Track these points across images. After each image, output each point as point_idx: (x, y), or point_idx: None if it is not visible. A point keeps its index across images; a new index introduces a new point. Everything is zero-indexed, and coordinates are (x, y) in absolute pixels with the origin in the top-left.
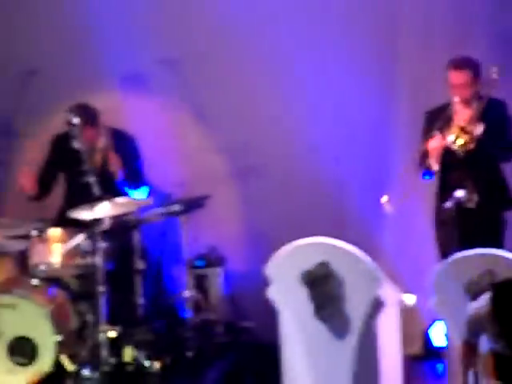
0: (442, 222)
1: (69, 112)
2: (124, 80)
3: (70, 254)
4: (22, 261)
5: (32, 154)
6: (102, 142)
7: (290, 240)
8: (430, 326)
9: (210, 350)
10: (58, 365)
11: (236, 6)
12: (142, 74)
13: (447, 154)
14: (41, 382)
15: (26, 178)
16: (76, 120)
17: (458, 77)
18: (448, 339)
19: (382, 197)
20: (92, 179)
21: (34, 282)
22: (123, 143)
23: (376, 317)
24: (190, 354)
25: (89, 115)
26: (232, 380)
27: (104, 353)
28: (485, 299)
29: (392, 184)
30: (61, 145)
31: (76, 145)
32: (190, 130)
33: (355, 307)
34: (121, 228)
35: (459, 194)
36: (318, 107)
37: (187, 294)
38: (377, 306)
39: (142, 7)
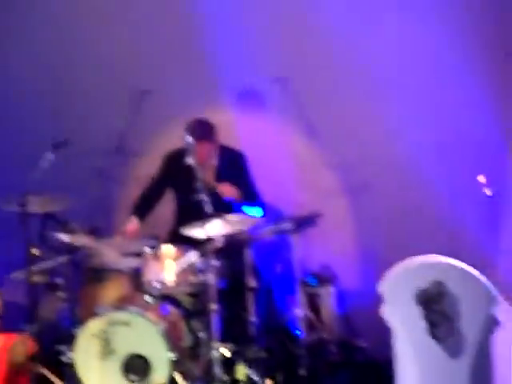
0: None
1: (185, 127)
2: (239, 98)
3: (183, 272)
4: (136, 278)
5: (145, 171)
6: (214, 158)
7: (402, 258)
8: None
9: (322, 368)
10: (171, 382)
11: (345, 25)
12: (257, 92)
13: None
14: None
15: (130, 231)
16: (191, 136)
17: None
18: None
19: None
20: (204, 197)
21: (148, 299)
22: (234, 161)
23: (491, 336)
24: (302, 372)
25: (205, 131)
26: None
27: (217, 370)
28: None
29: (507, 200)
30: (173, 161)
31: (189, 161)
32: (303, 147)
33: (470, 326)
34: (233, 246)
35: None
36: (433, 123)
37: (299, 312)
38: (492, 324)
39: (257, 25)
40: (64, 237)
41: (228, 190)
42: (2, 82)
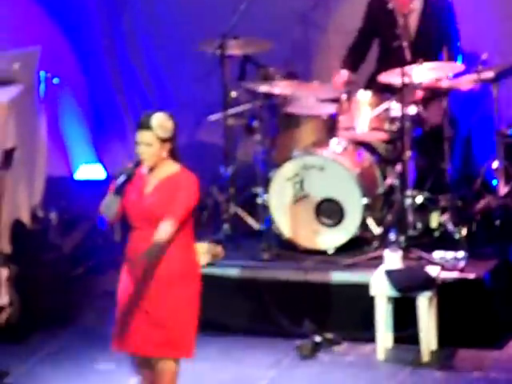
0: None
1: None
2: None
3: (379, 119)
4: (332, 124)
5: (346, 18)
6: (418, 3)
7: None
8: None
9: None
10: (364, 227)
11: None
12: None
13: None
14: (348, 244)
15: (339, 80)
16: None
17: None
18: None
19: None
20: (404, 43)
21: (342, 144)
22: (439, 8)
23: None
24: (497, 222)
25: None
26: None
27: (410, 217)
28: None
29: None
30: (376, 8)
31: (391, 6)
32: None
33: None
34: (431, 94)
35: None
36: None
37: (497, 163)
38: None
39: None
40: (262, 82)
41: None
42: None
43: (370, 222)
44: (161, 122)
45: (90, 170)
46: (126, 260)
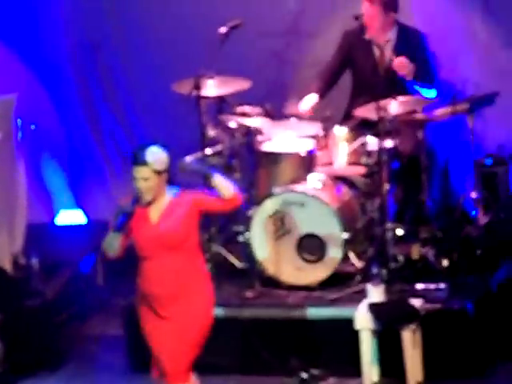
0: None
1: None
2: None
3: (356, 153)
4: (310, 160)
5: (319, 53)
6: (392, 34)
7: None
8: None
9: (498, 249)
10: (346, 262)
11: None
12: None
13: None
14: (331, 279)
15: (305, 105)
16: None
17: None
18: None
19: None
20: (380, 76)
21: (321, 180)
22: (413, 40)
23: None
24: (478, 252)
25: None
26: None
27: (391, 250)
28: None
29: None
30: (351, 39)
31: (367, 37)
32: (480, 27)
33: None
34: (407, 127)
35: None
36: None
37: (475, 193)
38: None
39: None
40: (239, 120)
41: (403, 65)
42: None
43: (352, 256)
44: (155, 155)
45: (70, 216)
46: (143, 296)
